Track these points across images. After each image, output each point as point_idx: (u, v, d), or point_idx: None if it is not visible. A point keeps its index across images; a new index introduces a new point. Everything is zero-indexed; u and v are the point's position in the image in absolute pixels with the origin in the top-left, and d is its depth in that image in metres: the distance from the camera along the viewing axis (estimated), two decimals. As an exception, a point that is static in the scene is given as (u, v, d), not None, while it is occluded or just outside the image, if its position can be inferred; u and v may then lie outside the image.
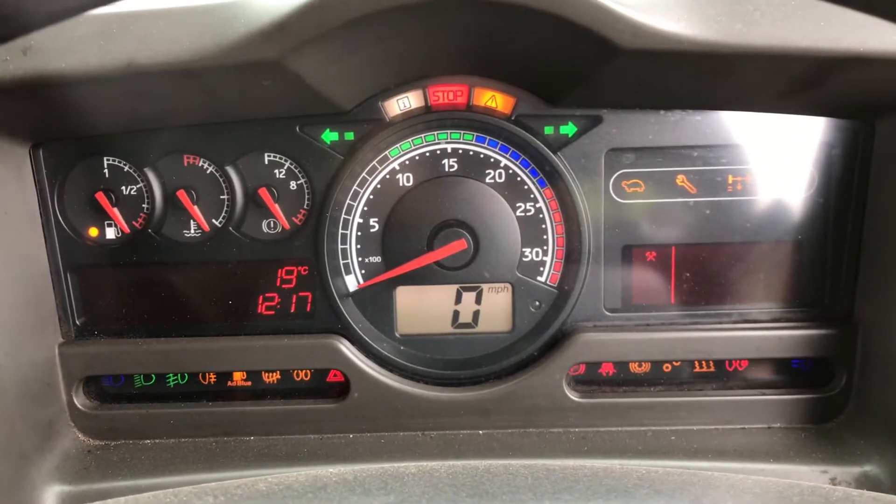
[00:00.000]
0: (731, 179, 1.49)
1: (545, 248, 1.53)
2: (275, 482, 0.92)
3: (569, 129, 1.47)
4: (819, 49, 1.18)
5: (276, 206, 1.50)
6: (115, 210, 1.51)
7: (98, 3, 0.74)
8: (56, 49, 1.22)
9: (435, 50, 1.36)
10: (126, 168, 1.51)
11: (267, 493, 0.89)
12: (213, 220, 1.52)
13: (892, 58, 1.17)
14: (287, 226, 1.52)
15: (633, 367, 1.58)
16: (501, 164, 1.50)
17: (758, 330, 1.50)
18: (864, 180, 1.46)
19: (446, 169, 1.51)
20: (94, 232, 1.52)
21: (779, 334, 1.49)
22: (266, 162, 1.50)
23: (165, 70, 1.22)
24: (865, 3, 0.73)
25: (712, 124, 1.46)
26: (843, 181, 1.48)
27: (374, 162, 1.50)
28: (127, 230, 1.52)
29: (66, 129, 1.47)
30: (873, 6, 0.73)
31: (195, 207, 1.50)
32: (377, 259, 1.53)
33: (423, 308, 1.56)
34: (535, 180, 1.50)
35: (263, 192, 1.49)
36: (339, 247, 1.53)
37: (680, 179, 1.49)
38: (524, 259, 1.53)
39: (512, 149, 1.49)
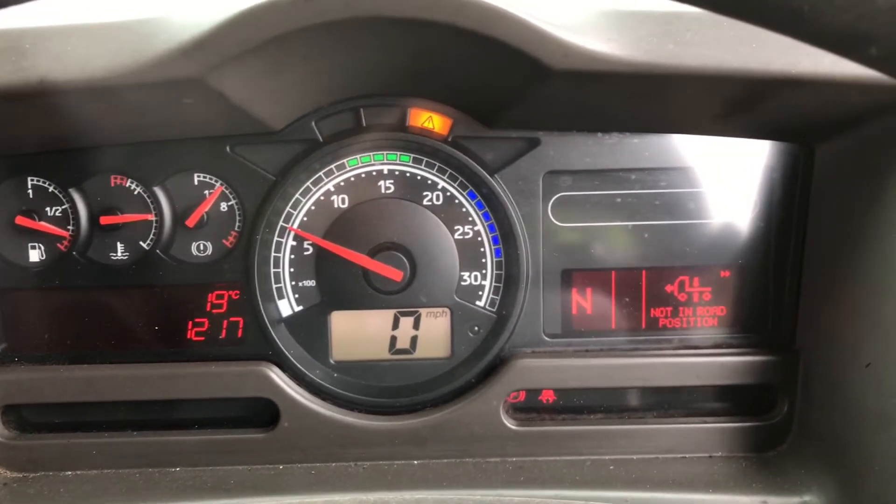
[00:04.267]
0: (670, 203, 1.46)
1: (484, 271, 1.49)
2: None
3: (506, 151, 1.44)
4: (751, 70, 1.16)
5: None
6: (44, 223, 1.45)
7: None
8: (-35, 65, 1.17)
9: (366, 69, 1.33)
10: (51, 188, 1.46)
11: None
12: (141, 243, 1.47)
13: (823, 80, 1.15)
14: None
15: (573, 394, 1.54)
16: (439, 187, 1.47)
17: (699, 356, 1.47)
18: (804, 204, 1.44)
19: (382, 191, 1.47)
20: (16, 254, 1.47)
21: (720, 361, 1.47)
22: (195, 182, 1.46)
23: (80, 88, 1.17)
24: (791, 28, 0.71)
25: (651, 147, 1.44)
26: (784, 205, 1.46)
27: (308, 183, 1.46)
28: (65, 234, 1.46)
29: (-14, 148, 1.42)
30: (797, 31, 0.71)
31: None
32: (311, 283, 1.49)
33: (360, 334, 1.51)
34: (472, 203, 1.47)
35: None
36: (272, 270, 1.48)
37: (618, 203, 1.46)
38: (462, 283, 1.49)
39: (449, 171, 1.46)
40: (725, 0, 0.68)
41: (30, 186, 1.46)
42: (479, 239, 1.48)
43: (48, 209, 1.46)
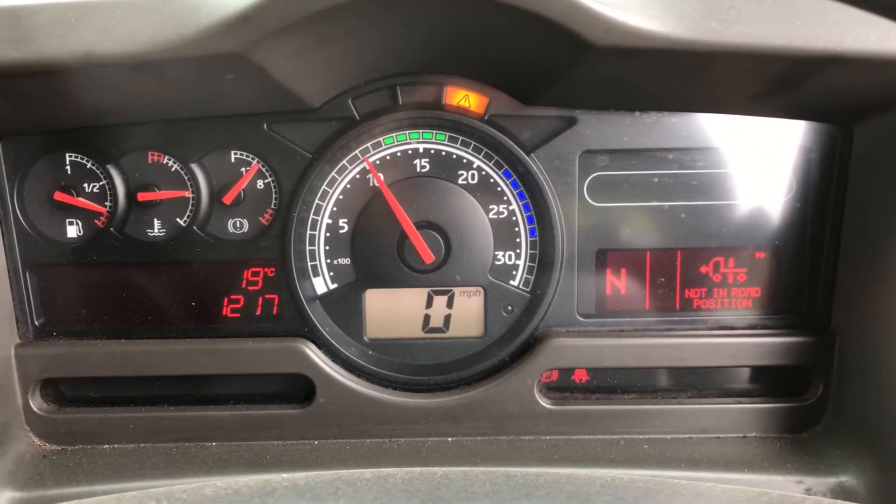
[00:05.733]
0: (707, 183, 1.46)
1: (518, 251, 1.49)
2: (222, 486, 0.88)
3: (542, 130, 1.44)
4: (795, 48, 1.16)
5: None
6: (82, 199, 1.47)
7: None
8: (12, 38, 1.17)
9: (406, 47, 1.33)
10: (89, 165, 1.47)
11: (213, 497, 0.85)
12: (177, 220, 1.48)
13: (868, 58, 1.15)
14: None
15: (606, 374, 1.54)
16: (474, 166, 1.47)
17: (734, 337, 1.47)
18: (842, 185, 1.44)
19: (418, 169, 1.47)
20: (54, 230, 1.48)
21: (755, 342, 1.46)
22: (233, 160, 1.47)
23: (125, 62, 1.18)
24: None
25: (688, 126, 1.43)
26: (821, 186, 1.45)
27: (344, 161, 1.46)
28: (103, 210, 1.47)
29: (27, 124, 1.43)
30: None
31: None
32: (346, 261, 1.49)
33: (394, 312, 1.52)
34: (508, 182, 1.47)
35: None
36: (307, 248, 1.49)
37: (655, 183, 1.46)
38: (497, 262, 1.50)
39: (485, 149, 1.46)
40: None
41: (68, 163, 1.47)
42: (514, 218, 1.48)
43: (86, 185, 1.47)
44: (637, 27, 1.15)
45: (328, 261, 1.49)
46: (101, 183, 1.47)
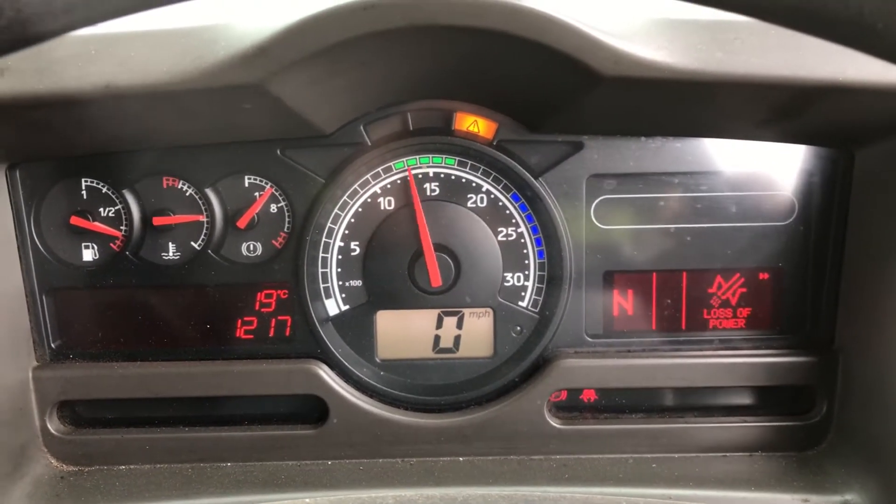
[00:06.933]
0: (711, 206, 1.49)
1: (527, 272, 1.52)
2: (247, 513, 0.90)
3: (550, 155, 1.47)
4: (798, 78, 1.19)
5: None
6: (98, 224, 1.49)
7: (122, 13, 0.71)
8: (34, 70, 1.20)
9: (417, 75, 1.36)
10: (104, 190, 1.49)
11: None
12: (192, 243, 1.50)
13: (869, 88, 1.18)
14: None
15: (614, 394, 1.56)
16: (483, 189, 1.50)
17: (739, 357, 1.50)
18: (843, 208, 1.46)
19: (428, 193, 1.50)
20: (70, 254, 1.50)
21: (760, 361, 1.49)
22: (246, 185, 1.49)
23: (144, 93, 1.21)
24: (839, 36, 0.73)
25: (693, 151, 1.46)
26: (824, 209, 1.48)
27: (356, 185, 1.49)
28: (118, 234, 1.50)
29: (44, 151, 1.46)
30: (846, 38, 0.73)
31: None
32: (358, 283, 1.52)
33: (404, 333, 1.54)
34: (516, 205, 1.50)
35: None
36: (320, 270, 1.51)
37: (661, 206, 1.49)
38: (506, 284, 1.52)
39: (494, 174, 1.49)
40: (799, 16, 0.71)
41: (84, 187, 1.49)
42: (523, 241, 1.51)
43: (102, 210, 1.50)
44: (645, 58, 1.18)
45: (340, 283, 1.52)
46: (116, 207, 1.50)
